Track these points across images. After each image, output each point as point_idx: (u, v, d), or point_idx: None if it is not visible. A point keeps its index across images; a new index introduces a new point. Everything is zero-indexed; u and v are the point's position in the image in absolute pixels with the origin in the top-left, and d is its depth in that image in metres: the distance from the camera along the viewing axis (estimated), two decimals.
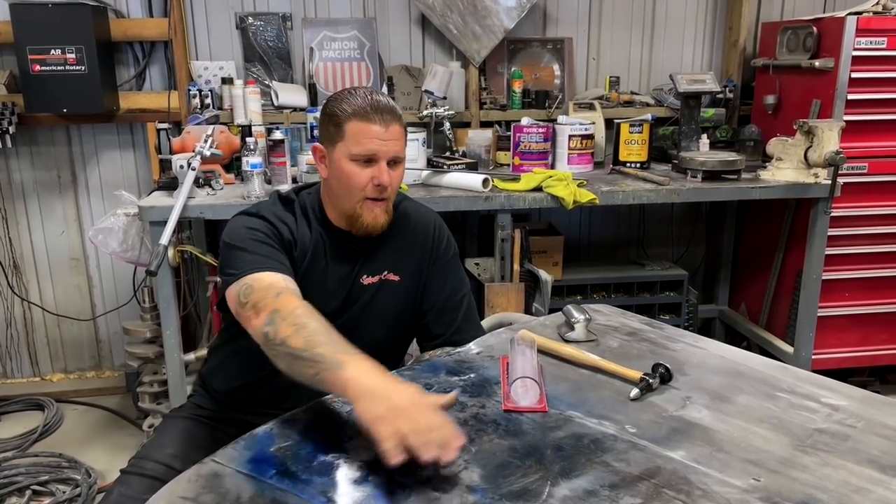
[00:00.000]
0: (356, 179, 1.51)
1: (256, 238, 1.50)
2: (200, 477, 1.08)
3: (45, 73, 2.83)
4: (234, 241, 1.51)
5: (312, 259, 1.59)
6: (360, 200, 1.53)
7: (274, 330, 1.27)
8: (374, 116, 1.48)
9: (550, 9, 3.43)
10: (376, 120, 1.48)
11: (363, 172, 1.51)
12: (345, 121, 1.50)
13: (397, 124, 1.52)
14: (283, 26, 3.23)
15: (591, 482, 1.03)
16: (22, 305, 3.34)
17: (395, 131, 1.51)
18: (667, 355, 1.47)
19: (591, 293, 3.20)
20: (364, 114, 1.48)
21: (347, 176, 1.51)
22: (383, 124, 1.49)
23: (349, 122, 1.49)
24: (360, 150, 1.49)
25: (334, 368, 1.16)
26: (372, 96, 1.51)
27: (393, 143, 1.51)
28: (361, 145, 1.49)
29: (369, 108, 1.49)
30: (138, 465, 1.54)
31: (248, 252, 1.47)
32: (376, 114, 1.48)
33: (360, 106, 1.49)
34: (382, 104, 1.50)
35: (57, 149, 3.22)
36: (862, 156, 3.00)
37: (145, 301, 2.97)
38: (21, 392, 3.33)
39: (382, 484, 1.04)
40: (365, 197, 1.52)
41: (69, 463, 2.76)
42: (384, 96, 1.55)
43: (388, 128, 1.49)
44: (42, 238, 3.31)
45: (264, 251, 1.48)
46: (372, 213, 1.54)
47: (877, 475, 1.07)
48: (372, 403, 1.09)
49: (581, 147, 3.03)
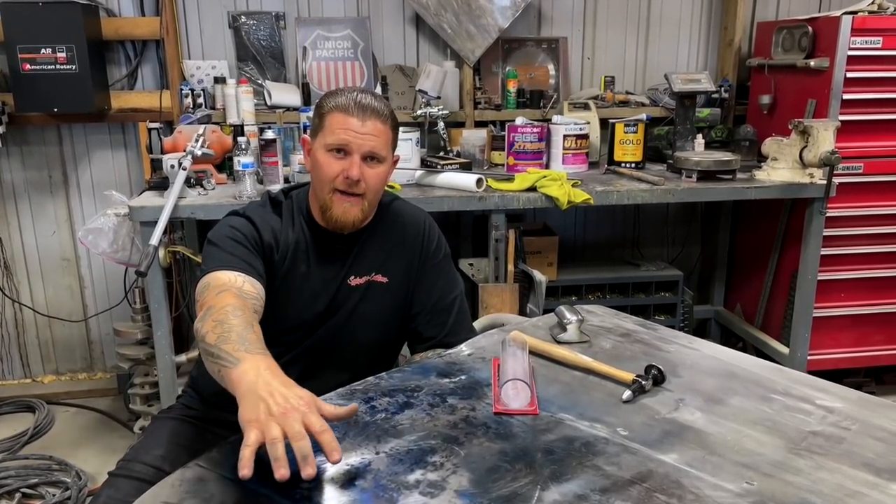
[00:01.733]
0: (327, 170, 1.52)
1: (233, 237, 1.50)
2: (184, 482, 1.06)
3: (36, 72, 2.81)
4: (212, 239, 1.52)
5: (297, 260, 1.58)
6: (331, 192, 1.53)
7: (200, 326, 1.26)
8: (354, 111, 1.50)
9: (545, 8, 3.42)
10: (355, 114, 1.49)
11: (335, 163, 1.51)
12: (326, 113, 1.52)
13: (378, 122, 1.51)
14: (276, 25, 3.21)
15: (582, 486, 1.01)
16: (13, 307, 3.32)
17: (375, 128, 1.51)
18: (660, 357, 1.46)
19: (586, 294, 3.19)
20: (345, 107, 1.50)
21: (321, 166, 1.53)
22: (361, 119, 1.49)
23: (330, 114, 1.51)
24: (333, 140, 1.51)
25: (231, 365, 1.13)
26: (360, 95, 1.52)
27: (369, 137, 1.50)
28: (335, 135, 1.50)
29: (352, 104, 1.50)
30: (126, 468, 1.52)
31: (220, 250, 1.48)
32: (357, 108, 1.50)
33: (343, 101, 1.51)
34: (367, 103, 1.51)
35: (48, 148, 3.20)
36: (858, 156, 2.99)
37: (136, 302, 2.94)
38: (12, 394, 3.30)
39: (369, 489, 1.02)
40: (335, 188, 1.52)
41: (59, 465, 2.74)
42: (377, 98, 1.55)
43: (364, 122, 1.50)
44: (33, 238, 3.28)
45: (235, 250, 1.48)
46: (341, 207, 1.53)
47: (871, 478, 1.05)
48: (251, 404, 1.03)
49: (576, 147, 3.01)
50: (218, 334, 1.21)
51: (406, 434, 1.16)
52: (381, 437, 1.15)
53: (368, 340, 1.64)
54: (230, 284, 1.38)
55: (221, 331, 1.21)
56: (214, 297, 1.33)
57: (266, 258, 1.53)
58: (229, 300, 1.32)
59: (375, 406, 1.25)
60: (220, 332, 1.21)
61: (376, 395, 1.29)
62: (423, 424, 1.19)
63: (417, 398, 1.28)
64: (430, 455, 1.10)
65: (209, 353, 1.20)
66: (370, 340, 1.65)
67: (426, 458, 1.09)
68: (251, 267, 1.46)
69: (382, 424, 1.19)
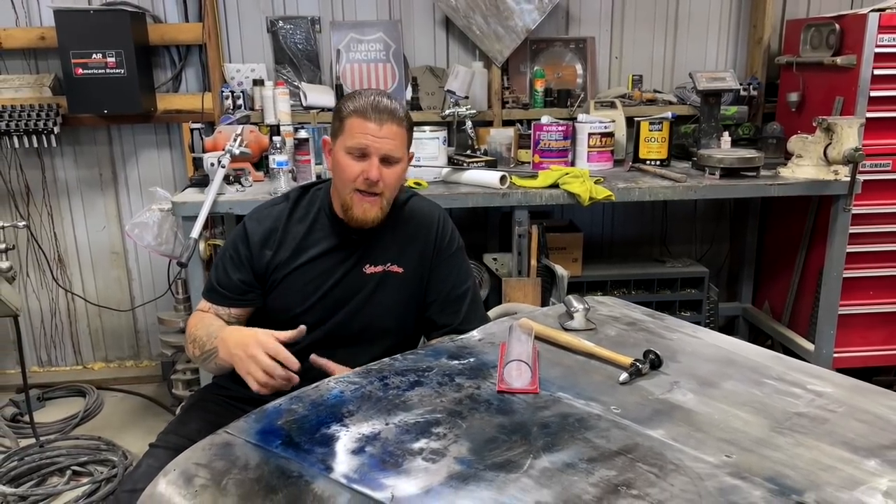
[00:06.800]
0: (348, 171, 1.63)
1: (226, 255, 1.75)
2: (213, 446, 1.18)
3: (87, 76, 3.00)
4: (220, 253, 1.82)
5: (308, 248, 1.71)
6: (351, 192, 1.64)
7: (189, 352, 1.72)
8: (372, 115, 1.60)
9: (573, 9, 3.48)
10: (373, 118, 1.60)
11: (355, 165, 1.62)
12: (346, 116, 1.63)
13: (395, 125, 1.62)
14: (311, 29, 3.35)
15: (571, 456, 1.10)
16: (66, 297, 3.52)
17: (391, 131, 1.61)
18: (662, 344, 1.52)
19: (611, 290, 3.24)
20: (363, 112, 1.60)
21: (342, 168, 1.64)
22: (379, 123, 1.60)
23: (349, 118, 1.62)
24: (352, 144, 1.62)
25: (214, 340, 1.59)
26: (376, 97, 1.62)
27: (386, 141, 1.61)
28: (355, 139, 1.61)
29: (369, 107, 1.60)
30: (165, 440, 1.67)
31: (216, 270, 1.77)
32: (374, 113, 1.60)
33: (361, 105, 1.61)
34: (384, 105, 1.61)
35: (98, 148, 3.40)
36: (885, 153, 2.99)
37: (179, 293, 3.11)
38: (64, 379, 3.52)
39: (377, 455, 1.12)
40: (355, 189, 1.63)
41: (107, 446, 2.91)
42: (392, 100, 1.65)
43: (382, 126, 1.60)
44: (85, 233, 3.49)
45: (221, 274, 1.74)
46: (361, 207, 1.65)
47: (848, 455, 1.11)
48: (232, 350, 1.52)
49: (601, 145, 3.07)
50: (198, 346, 1.66)
51: (414, 408, 1.26)
52: (391, 411, 1.25)
53: (385, 328, 1.75)
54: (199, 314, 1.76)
55: (195, 339, 1.67)
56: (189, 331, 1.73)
57: (258, 263, 1.73)
58: (194, 321, 1.73)
59: (388, 383, 1.35)
60: (195, 342, 1.66)
61: (390, 374, 1.39)
62: (430, 400, 1.28)
63: (427, 377, 1.38)
64: (434, 426, 1.19)
65: (204, 358, 1.64)
66: (387, 328, 1.75)
67: (431, 429, 1.18)
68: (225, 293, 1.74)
69: (393, 399, 1.29)
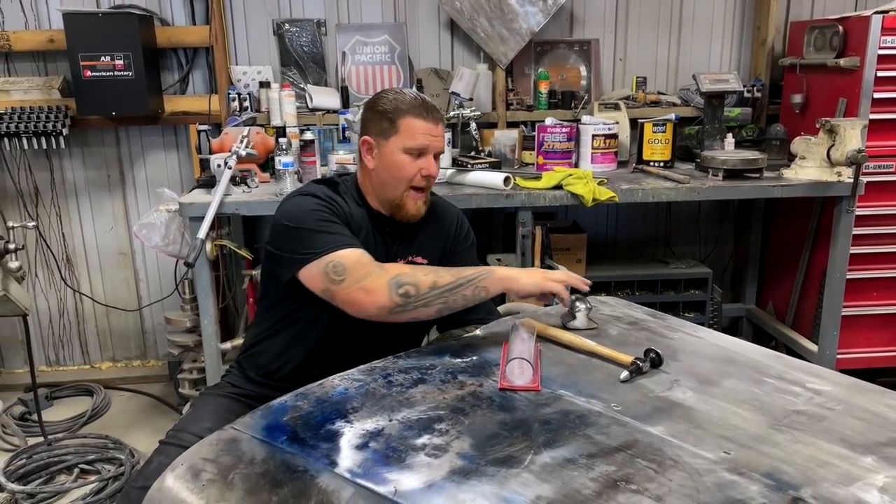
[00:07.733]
0: (407, 170, 1.68)
1: (321, 218, 1.62)
2: (220, 441, 1.20)
3: (96, 78, 3.03)
4: (298, 224, 1.62)
5: (356, 231, 1.71)
6: (406, 190, 1.70)
7: (414, 287, 1.49)
8: (426, 114, 1.67)
9: (577, 11, 3.50)
10: (428, 117, 1.67)
11: (413, 164, 1.68)
12: (399, 117, 1.67)
13: (441, 123, 1.72)
14: (317, 32, 3.37)
15: (571, 452, 1.12)
16: (74, 297, 3.56)
17: (440, 129, 1.71)
18: (664, 343, 1.54)
19: (615, 290, 3.25)
20: (418, 111, 1.67)
21: (398, 167, 1.68)
22: (434, 121, 1.68)
23: (404, 118, 1.67)
24: (413, 144, 1.67)
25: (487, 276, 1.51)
26: (419, 97, 1.71)
27: (440, 139, 1.70)
28: (415, 139, 1.67)
29: (422, 107, 1.68)
30: (175, 437, 1.68)
31: (319, 232, 1.59)
32: (427, 112, 1.68)
33: (413, 105, 1.68)
34: (430, 104, 1.70)
35: (106, 149, 3.43)
36: (888, 154, 3.00)
37: (186, 293, 3.14)
38: (72, 379, 3.55)
39: (381, 450, 1.14)
40: (411, 186, 1.70)
41: (115, 444, 2.93)
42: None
43: (437, 125, 1.68)
44: (93, 233, 3.52)
45: (333, 229, 1.61)
46: (415, 203, 1.72)
47: (845, 452, 1.12)
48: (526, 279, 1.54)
49: (604, 146, 3.09)
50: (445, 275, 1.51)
51: (417, 405, 1.28)
52: (395, 408, 1.27)
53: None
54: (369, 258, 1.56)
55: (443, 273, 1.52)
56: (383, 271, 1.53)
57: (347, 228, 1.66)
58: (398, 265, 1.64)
59: (392, 381, 1.38)
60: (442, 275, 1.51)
61: (394, 372, 1.42)
62: (433, 397, 1.31)
63: (431, 375, 1.40)
64: (437, 423, 1.21)
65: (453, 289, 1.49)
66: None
67: (433, 425, 1.21)
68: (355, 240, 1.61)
69: (397, 396, 1.31)
